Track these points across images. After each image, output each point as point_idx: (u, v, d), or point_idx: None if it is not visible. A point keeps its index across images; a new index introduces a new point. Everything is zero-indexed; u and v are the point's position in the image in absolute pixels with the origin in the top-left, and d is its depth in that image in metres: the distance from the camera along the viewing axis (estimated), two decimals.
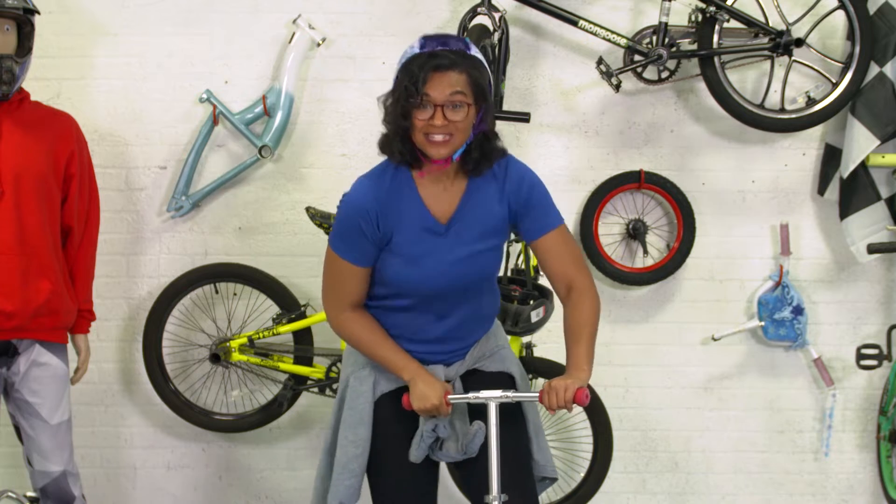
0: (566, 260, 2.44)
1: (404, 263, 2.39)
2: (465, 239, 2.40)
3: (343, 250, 2.41)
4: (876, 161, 3.72)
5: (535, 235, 2.43)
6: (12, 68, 2.89)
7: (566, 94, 3.87)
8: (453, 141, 2.30)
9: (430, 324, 2.47)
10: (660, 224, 3.92)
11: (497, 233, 2.44)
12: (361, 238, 2.37)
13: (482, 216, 2.41)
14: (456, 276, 2.40)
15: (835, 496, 4.01)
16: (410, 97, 2.27)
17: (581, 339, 2.39)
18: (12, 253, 2.86)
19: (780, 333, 3.88)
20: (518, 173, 2.44)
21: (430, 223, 2.39)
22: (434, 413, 2.37)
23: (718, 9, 3.58)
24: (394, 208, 2.37)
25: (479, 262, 2.43)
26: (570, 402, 2.33)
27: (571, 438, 3.83)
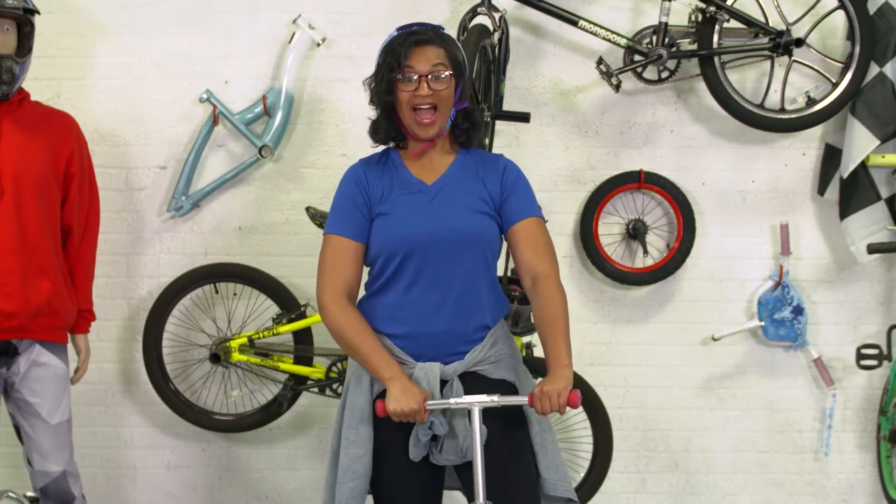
0: (538, 250, 2.44)
1: (393, 220, 2.43)
2: (454, 198, 2.45)
3: (335, 225, 2.46)
4: (876, 161, 3.72)
5: (512, 220, 2.46)
6: (12, 68, 2.89)
7: (566, 94, 3.87)
8: (439, 117, 2.42)
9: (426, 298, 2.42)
10: (660, 224, 3.92)
11: (486, 203, 2.47)
12: (354, 208, 2.45)
13: (470, 185, 2.47)
14: (445, 227, 2.40)
15: (835, 496, 4.01)
16: (394, 71, 2.39)
17: (558, 334, 2.36)
18: (12, 253, 2.86)
19: (780, 333, 3.88)
20: (505, 162, 2.54)
21: (416, 185, 2.46)
22: (410, 418, 2.31)
23: (718, 9, 3.58)
24: (384, 177, 2.48)
25: (468, 219, 2.43)
26: (563, 406, 2.27)
27: (571, 438, 3.83)
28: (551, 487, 2.47)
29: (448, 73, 2.41)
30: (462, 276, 2.43)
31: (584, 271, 3.92)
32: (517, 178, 2.51)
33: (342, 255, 2.44)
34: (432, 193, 2.46)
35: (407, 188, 2.47)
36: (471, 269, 2.44)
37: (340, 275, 2.44)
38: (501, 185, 2.49)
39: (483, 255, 2.46)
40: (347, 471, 2.41)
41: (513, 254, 2.48)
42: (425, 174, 2.49)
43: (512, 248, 2.48)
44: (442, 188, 2.47)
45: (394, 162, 2.52)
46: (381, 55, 2.45)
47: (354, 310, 2.45)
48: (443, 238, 2.40)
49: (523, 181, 2.52)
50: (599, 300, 3.93)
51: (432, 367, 2.41)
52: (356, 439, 2.42)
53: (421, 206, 2.44)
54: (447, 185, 2.47)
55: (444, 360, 2.44)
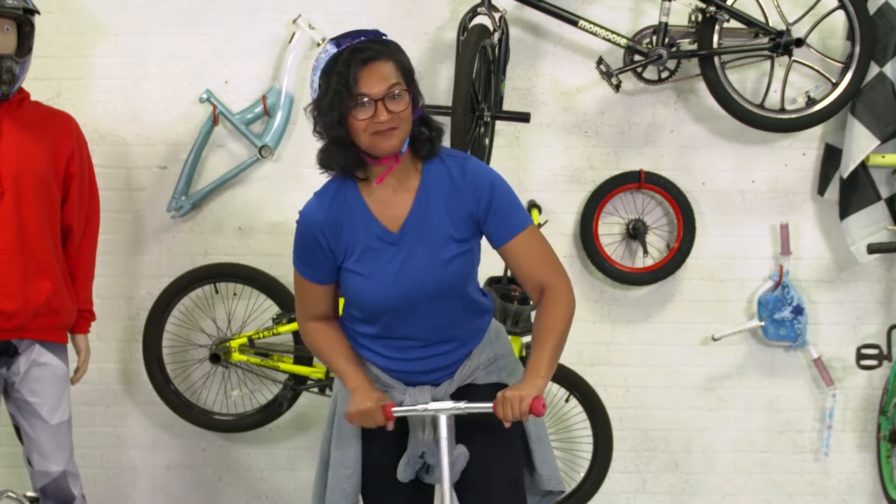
0: (537, 262, 2.30)
1: (360, 280, 2.28)
2: (422, 246, 2.25)
3: (301, 269, 2.36)
4: (876, 161, 3.72)
5: (501, 241, 2.29)
6: (12, 68, 2.89)
7: (566, 94, 3.87)
8: (400, 132, 2.18)
9: (407, 345, 2.35)
10: (660, 224, 3.92)
11: (458, 238, 2.27)
12: (314, 258, 2.32)
13: (439, 220, 2.26)
14: (418, 287, 2.26)
15: (835, 496, 4.01)
16: (344, 99, 2.13)
17: (545, 345, 2.26)
18: (12, 253, 2.86)
19: (780, 333, 3.88)
20: (477, 174, 2.28)
21: (379, 232, 2.26)
22: (369, 421, 2.25)
23: (718, 9, 3.58)
24: (342, 223, 2.27)
25: (441, 270, 2.26)
26: (525, 413, 2.18)
27: (571, 438, 3.83)
28: (546, 482, 2.44)
29: (403, 90, 2.16)
30: (438, 318, 2.32)
31: (584, 271, 3.92)
32: (493, 190, 2.26)
33: (312, 295, 2.37)
34: (400, 245, 2.26)
35: (371, 239, 2.26)
36: (451, 311, 2.34)
37: (313, 309, 2.39)
38: (477, 206, 2.27)
39: (462, 291, 2.33)
40: (336, 489, 2.39)
41: (512, 269, 2.35)
42: (388, 213, 2.26)
43: (509, 265, 2.34)
44: (409, 236, 2.26)
45: (351, 200, 2.27)
46: (321, 78, 2.17)
47: (330, 324, 2.40)
48: (416, 297, 2.27)
49: (501, 191, 2.28)
50: (599, 300, 3.93)
51: (422, 392, 2.34)
52: (344, 459, 2.38)
53: (389, 265, 2.25)
54: (414, 231, 2.25)
55: (435, 381, 2.38)
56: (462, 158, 2.31)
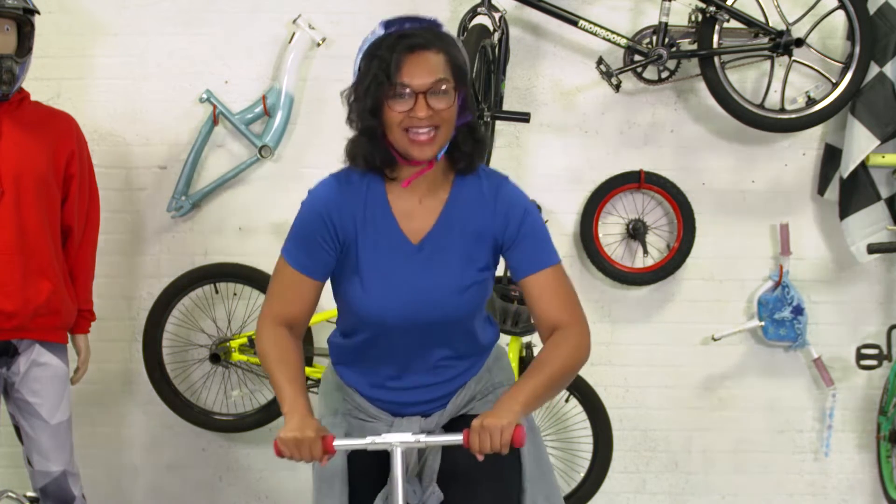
0: (557, 305, 2.06)
1: (362, 285, 2.04)
2: (440, 266, 2.04)
3: (293, 255, 2.08)
4: (876, 161, 3.72)
5: (525, 272, 2.07)
6: (12, 68, 2.89)
7: (566, 94, 3.87)
8: (439, 136, 1.96)
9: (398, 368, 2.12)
10: (660, 224, 3.92)
11: (481, 262, 2.07)
12: (315, 244, 2.05)
13: (463, 241, 2.05)
14: (425, 309, 2.03)
15: (835, 496, 4.01)
16: (382, 86, 1.92)
17: (535, 375, 1.99)
18: (12, 253, 2.86)
19: (780, 333, 3.88)
20: (511, 196, 2.08)
21: (398, 240, 2.04)
22: (304, 454, 1.92)
23: (718, 9, 3.58)
24: (357, 217, 2.04)
25: (455, 298, 2.05)
26: (506, 445, 1.89)
27: (571, 438, 3.83)
28: None
29: (448, 87, 1.94)
30: (442, 350, 2.12)
31: (584, 271, 3.92)
32: (525, 216, 2.06)
33: (294, 289, 2.08)
34: (416, 258, 2.04)
35: (386, 239, 2.04)
36: (455, 340, 2.12)
37: (287, 307, 2.09)
38: (505, 230, 2.06)
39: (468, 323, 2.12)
40: None
41: (529, 305, 2.11)
42: (410, 222, 2.05)
43: (529, 301, 2.10)
44: (429, 251, 2.04)
45: (375, 194, 2.06)
46: (363, 61, 1.98)
47: (288, 339, 2.08)
48: (422, 323, 2.04)
49: (533, 219, 2.08)
50: (599, 300, 3.93)
51: (411, 423, 2.11)
52: (330, 493, 2.12)
53: (400, 277, 2.03)
54: (436, 246, 2.04)
55: (426, 411, 2.15)
56: (499, 178, 2.10)
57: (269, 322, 2.09)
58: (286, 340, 2.08)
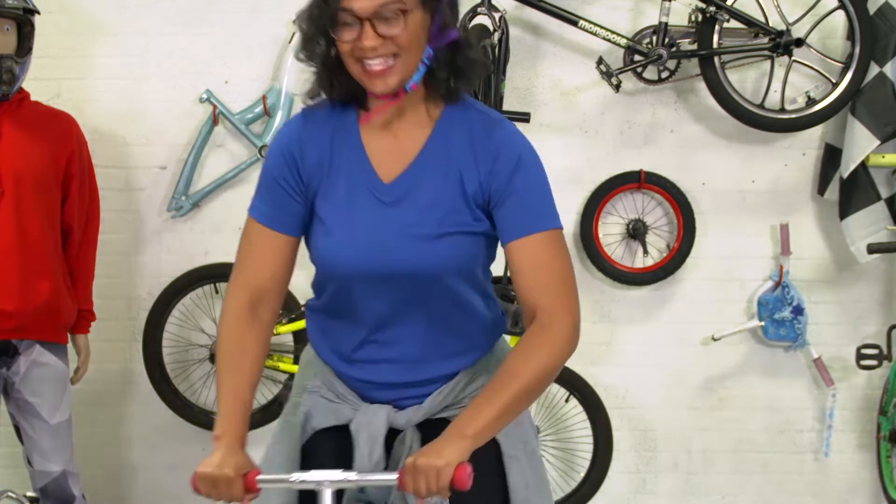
0: (540, 283, 1.69)
1: (324, 228, 1.75)
2: (413, 209, 1.73)
3: (258, 209, 1.80)
4: (876, 161, 3.72)
5: (509, 236, 1.72)
6: (12, 68, 2.89)
7: (566, 94, 3.86)
8: (398, 66, 1.64)
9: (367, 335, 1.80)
10: (660, 224, 3.91)
11: (464, 214, 1.73)
12: (280, 191, 1.76)
13: (445, 183, 1.73)
14: (387, 256, 1.71)
15: (835, 496, 4.00)
16: (323, 15, 1.65)
17: (497, 395, 1.63)
18: (12, 253, 2.86)
19: (780, 333, 3.88)
20: (503, 140, 1.74)
21: (367, 179, 1.74)
22: (223, 494, 1.64)
23: (718, 9, 3.58)
24: (325, 155, 1.75)
25: (424, 246, 1.71)
26: (445, 490, 1.58)
27: (571, 438, 3.83)
28: None
29: (401, 9, 1.62)
30: (417, 319, 1.78)
31: (584, 271, 3.91)
32: (518, 166, 1.72)
33: (262, 249, 1.79)
34: (387, 200, 1.73)
35: (355, 178, 1.74)
36: (441, 309, 1.77)
37: (256, 273, 1.79)
38: (491, 179, 1.72)
39: (454, 284, 1.76)
40: None
41: (513, 278, 1.75)
42: (384, 160, 1.75)
43: (511, 271, 1.75)
44: (401, 192, 1.73)
45: (346, 129, 1.77)
46: None
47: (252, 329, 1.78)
48: (387, 274, 1.72)
49: (529, 171, 1.73)
50: (599, 300, 3.93)
51: (377, 413, 1.79)
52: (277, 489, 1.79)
53: (364, 219, 1.72)
54: (409, 189, 1.73)
55: (401, 401, 1.82)
56: (496, 118, 1.78)
57: (234, 301, 1.79)
58: (247, 336, 1.77)
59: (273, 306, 1.82)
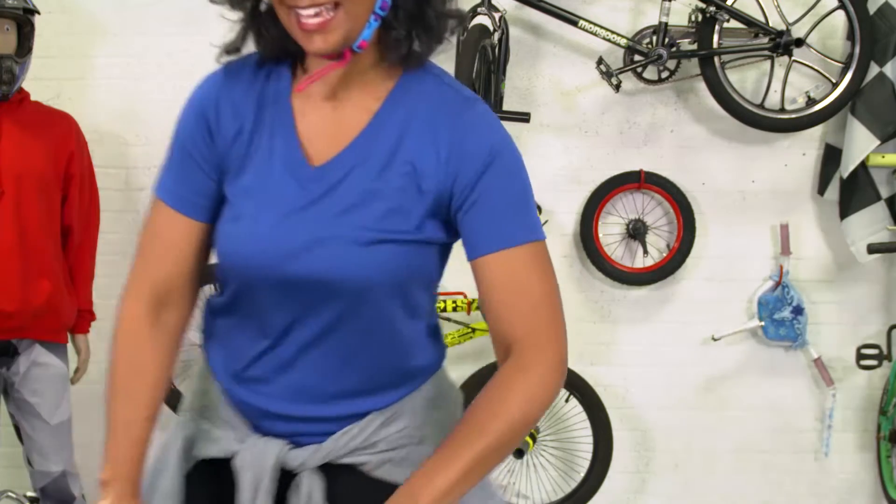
0: (518, 310, 1.33)
1: (232, 211, 1.38)
2: (342, 201, 1.34)
3: (166, 187, 1.43)
4: (876, 161, 3.72)
5: (481, 249, 1.33)
6: (12, 68, 2.89)
7: (566, 94, 3.87)
8: (342, 17, 1.27)
9: (266, 350, 1.42)
10: (660, 224, 3.92)
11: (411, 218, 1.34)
12: (190, 161, 1.40)
13: (391, 175, 1.34)
14: (302, 258, 1.33)
15: (835, 496, 4.01)
16: None
17: (460, 455, 1.29)
18: (12, 253, 2.87)
19: (780, 333, 3.88)
20: (478, 124, 1.36)
21: (292, 158, 1.36)
22: None
23: (718, 9, 3.58)
24: (244, 123, 1.39)
25: (350, 251, 1.32)
26: None
27: (571, 438, 3.83)
28: None
29: None
30: (331, 342, 1.38)
31: (584, 271, 3.92)
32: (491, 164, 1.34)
33: (166, 236, 1.43)
34: (311, 187, 1.35)
35: (276, 161, 1.37)
36: (360, 329, 1.37)
37: (158, 267, 1.44)
38: (457, 178, 1.33)
39: (387, 306, 1.37)
40: None
41: (481, 302, 1.38)
42: (320, 136, 1.37)
43: (480, 293, 1.37)
44: (332, 180, 1.35)
45: (275, 92, 1.40)
46: None
47: (146, 341, 1.48)
48: (299, 280, 1.33)
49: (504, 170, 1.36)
50: (599, 300, 3.93)
51: (267, 448, 1.40)
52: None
53: (281, 207, 1.35)
54: (343, 175, 1.35)
55: (298, 437, 1.42)
56: (469, 96, 1.39)
57: (131, 303, 1.49)
58: (146, 351, 1.48)
59: (182, 309, 1.49)
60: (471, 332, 3.52)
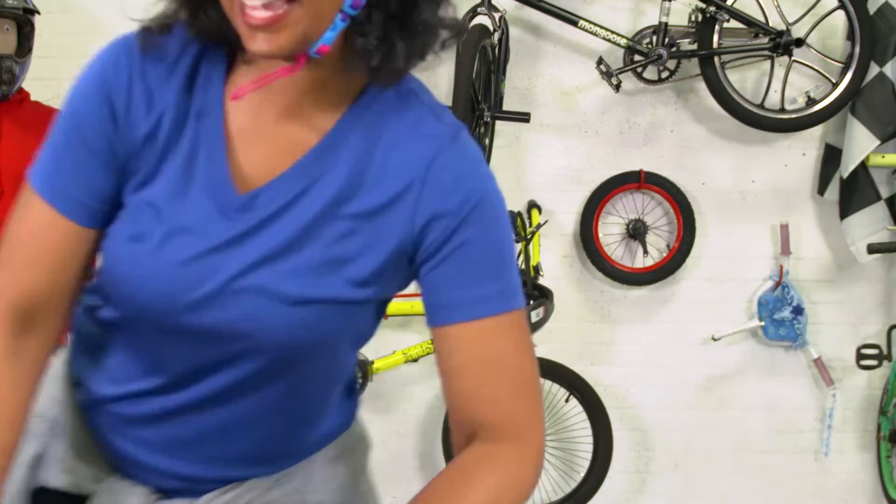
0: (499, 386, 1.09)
1: (131, 236, 1.08)
2: (270, 244, 1.07)
3: (43, 175, 1.12)
4: (876, 161, 3.72)
5: (452, 315, 1.08)
6: (12, 68, 2.89)
7: (566, 94, 3.86)
8: (299, 14, 0.98)
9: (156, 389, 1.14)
10: (660, 224, 3.92)
11: (361, 269, 1.08)
12: (84, 151, 1.10)
13: (339, 215, 1.07)
14: (211, 309, 1.07)
15: (835, 496, 4.01)
16: None
17: None
18: None
19: (780, 333, 3.88)
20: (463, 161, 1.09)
21: (215, 179, 1.07)
22: None
23: (718, 9, 3.58)
24: (160, 120, 1.08)
25: (283, 314, 1.06)
26: None
27: (571, 438, 3.82)
28: None
29: None
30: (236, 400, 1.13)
31: (584, 271, 3.92)
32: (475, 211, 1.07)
33: (40, 240, 1.10)
34: (235, 218, 1.07)
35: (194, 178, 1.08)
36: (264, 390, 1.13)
37: (27, 278, 1.11)
38: (432, 225, 1.07)
39: (303, 368, 1.13)
40: None
41: (442, 377, 1.12)
42: (256, 154, 1.09)
43: (442, 368, 1.11)
44: (262, 215, 1.07)
45: (208, 88, 1.09)
46: None
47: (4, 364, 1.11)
48: (207, 337, 1.08)
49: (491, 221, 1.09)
50: (599, 300, 3.93)
51: (128, 497, 1.17)
52: None
53: (193, 248, 1.07)
54: (276, 210, 1.07)
55: (169, 489, 1.18)
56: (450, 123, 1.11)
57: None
58: (4, 377, 1.11)
59: (51, 331, 1.18)
60: None
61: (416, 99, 1.12)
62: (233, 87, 1.10)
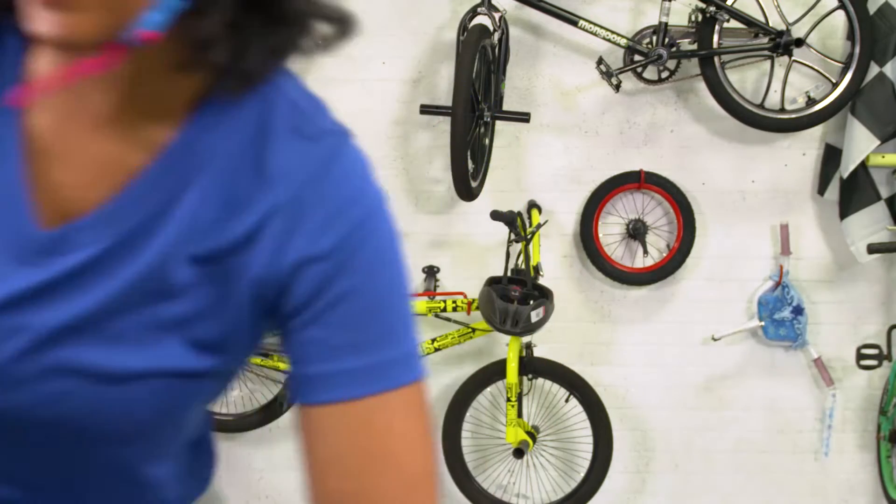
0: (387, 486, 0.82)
1: None
2: (85, 301, 0.78)
3: None
4: (876, 161, 3.72)
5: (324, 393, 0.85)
6: None
7: (566, 94, 3.86)
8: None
9: None
10: (660, 224, 3.91)
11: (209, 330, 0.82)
12: None
13: (180, 258, 0.80)
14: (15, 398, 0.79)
15: (835, 496, 4.01)
16: None
17: None
18: None
19: (780, 333, 3.88)
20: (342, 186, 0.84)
21: (10, 209, 0.78)
22: None
23: (718, 9, 3.58)
24: None
25: (105, 396, 0.80)
26: None
27: (571, 438, 3.82)
28: None
29: None
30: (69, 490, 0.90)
31: (584, 271, 3.91)
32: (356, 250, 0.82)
33: None
34: (41, 269, 0.78)
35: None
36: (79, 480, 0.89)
37: None
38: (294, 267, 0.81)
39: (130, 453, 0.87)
40: None
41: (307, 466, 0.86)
42: (61, 175, 0.79)
43: (307, 455, 0.87)
44: (78, 262, 0.78)
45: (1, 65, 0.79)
46: None
47: None
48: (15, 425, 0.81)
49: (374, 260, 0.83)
50: (599, 300, 3.93)
51: None
52: None
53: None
54: (101, 255, 0.78)
55: None
56: (328, 131, 0.95)
57: None
58: None
59: None
60: (471, 332, 3.52)
61: (284, 98, 0.86)
62: (32, 75, 0.79)
